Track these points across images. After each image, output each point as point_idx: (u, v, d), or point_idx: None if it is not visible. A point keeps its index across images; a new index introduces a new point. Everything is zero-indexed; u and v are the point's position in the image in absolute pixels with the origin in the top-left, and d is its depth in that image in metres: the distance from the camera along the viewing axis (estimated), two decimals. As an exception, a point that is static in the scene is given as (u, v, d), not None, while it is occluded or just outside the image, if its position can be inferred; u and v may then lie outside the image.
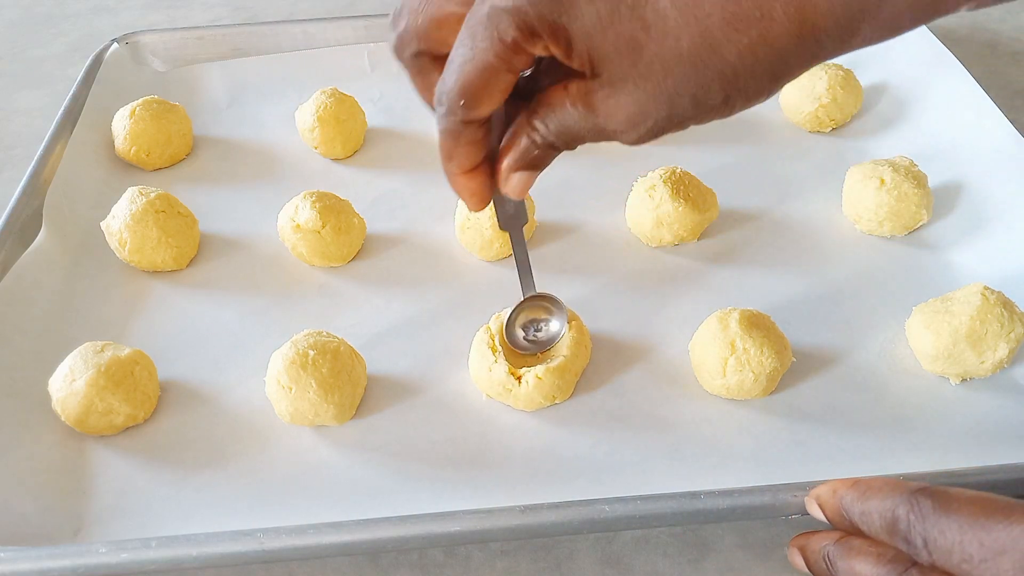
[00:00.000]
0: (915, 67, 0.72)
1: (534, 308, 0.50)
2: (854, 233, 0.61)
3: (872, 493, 0.35)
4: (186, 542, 0.39)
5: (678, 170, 0.59)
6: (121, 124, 0.67)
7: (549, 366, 0.48)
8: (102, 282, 0.58)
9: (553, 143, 0.35)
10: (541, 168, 0.37)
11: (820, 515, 0.38)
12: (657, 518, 0.40)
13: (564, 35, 0.31)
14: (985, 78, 0.70)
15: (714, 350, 0.48)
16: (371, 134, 0.72)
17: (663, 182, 0.58)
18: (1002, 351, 0.47)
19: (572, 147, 0.35)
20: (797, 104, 0.70)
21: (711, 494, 0.40)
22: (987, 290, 0.49)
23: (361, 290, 0.58)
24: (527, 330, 0.50)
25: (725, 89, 0.31)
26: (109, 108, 0.70)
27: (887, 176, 0.58)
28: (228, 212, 0.64)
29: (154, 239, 0.57)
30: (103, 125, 0.69)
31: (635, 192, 0.60)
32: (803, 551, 0.38)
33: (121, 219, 0.57)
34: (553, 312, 0.50)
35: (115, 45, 0.77)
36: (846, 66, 0.70)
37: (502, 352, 0.49)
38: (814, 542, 0.38)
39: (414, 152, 0.70)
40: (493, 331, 0.50)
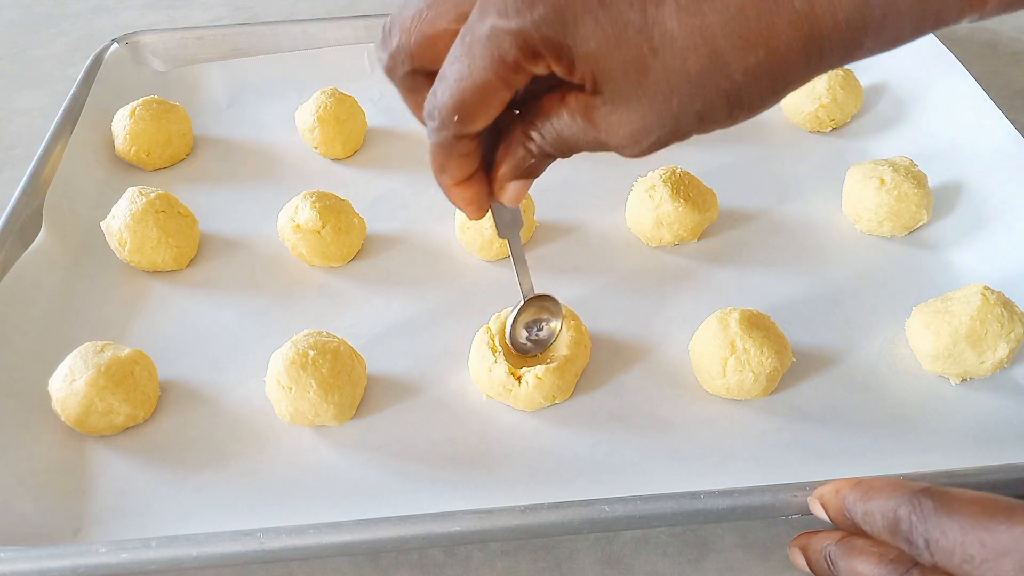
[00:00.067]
0: (915, 67, 0.72)
1: (534, 308, 0.50)
2: (854, 233, 0.61)
3: (874, 493, 0.35)
4: (186, 542, 0.39)
5: (678, 170, 0.59)
6: (121, 124, 0.67)
7: (549, 366, 0.48)
8: (102, 282, 0.58)
9: (550, 152, 0.35)
10: (537, 175, 0.37)
11: (823, 514, 0.38)
12: (657, 518, 0.40)
13: (568, 55, 0.30)
14: (985, 78, 0.70)
15: (714, 350, 0.48)
16: (371, 134, 0.72)
17: (663, 182, 0.58)
18: (1002, 351, 0.47)
19: (568, 156, 0.35)
20: (797, 104, 0.70)
21: (711, 494, 0.40)
22: (987, 290, 0.49)
23: (361, 290, 0.58)
24: (530, 330, 0.50)
25: (730, 105, 0.30)
26: (109, 108, 0.70)
27: (887, 176, 0.58)
28: (228, 212, 0.64)
29: (154, 239, 0.57)
30: (103, 125, 0.69)
31: (635, 192, 0.60)
32: (805, 550, 0.38)
33: (121, 219, 0.57)
34: (552, 311, 0.50)
35: (115, 45, 0.77)
36: (846, 66, 0.70)
37: (502, 352, 0.49)
38: (816, 541, 0.38)
39: (414, 152, 0.70)
40: (493, 331, 0.50)
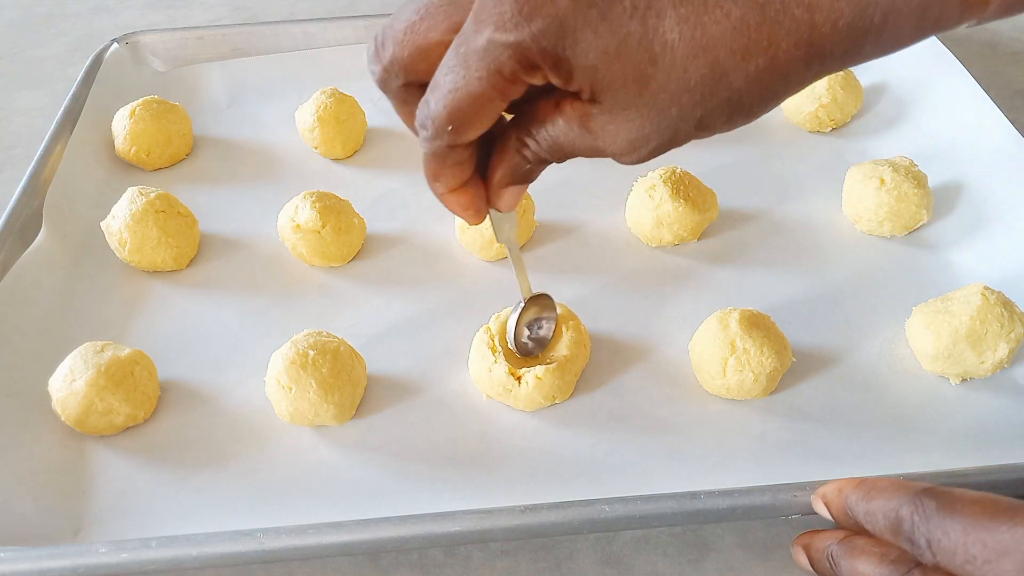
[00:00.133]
0: (915, 67, 0.72)
1: (535, 308, 0.49)
2: (854, 233, 0.61)
3: (877, 493, 0.35)
4: (186, 542, 0.39)
5: (678, 170, 0.59)
6: (121, 124, 0.67)
7: (549, 366, 0.48)
8: (102, 282, 0.58)
9: (545, 159, 0.34)
10: (532, 180, 0.37)
11: (826, 513, 0.38)
12: (657, 518, 0.40)
13: (566, 67, 0.29)
14: (985, 78, 0.70)
15: (714, 350, 0.48)
16: (371, 134, 0.72)
17: (663, 182, 0.58)
18: (1002, 351, 0.47)
19: (563, 161, 0.35)
20: (797, 104, 0.70)
21: (711, 494, 0.40)
22: (987, 290, 0.49)
23: (361, 290, 0.58)
24: (531, 328, 0.50)
25: (729, 112, 0.30)
26: (109, 108, 0.70)
27: (887, 176, 0.58)
28: (228, 212, 0.64)
29: (154, 239, 0.57)
30: (103, 125, 0.69)
31: (635, 192, 0.60)
32: (807, 550, 0.39)
33: (121, 219, 0.57)
34: (549, 309, 0.50)
35: (115, 45, 0.77)
36: (846, 66, 0.71)
37: (502, 352, 0.49)
38: (818, 541, 0.38)
39: (414, 152, 0.68)
40: (493, 331, 0.50)
